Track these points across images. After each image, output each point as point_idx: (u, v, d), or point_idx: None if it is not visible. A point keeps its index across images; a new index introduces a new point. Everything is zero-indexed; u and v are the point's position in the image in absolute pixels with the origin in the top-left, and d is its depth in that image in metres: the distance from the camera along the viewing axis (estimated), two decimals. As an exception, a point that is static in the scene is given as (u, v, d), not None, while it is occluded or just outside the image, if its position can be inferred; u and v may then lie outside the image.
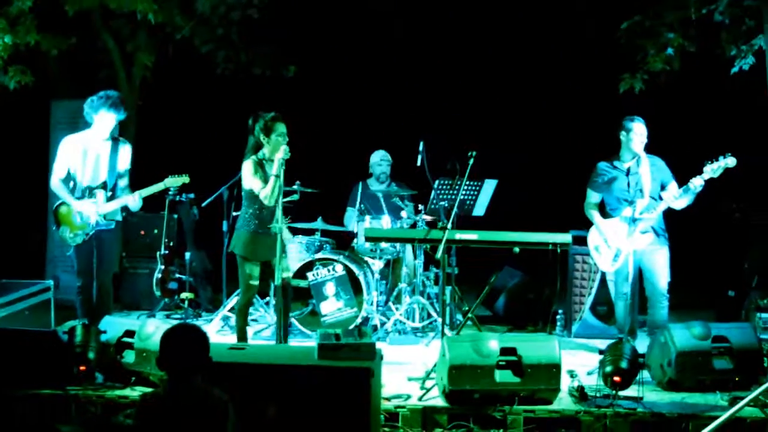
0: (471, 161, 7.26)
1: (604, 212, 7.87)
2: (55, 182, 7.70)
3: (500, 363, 6.24)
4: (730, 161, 7.17)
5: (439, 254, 6.76)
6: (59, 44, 9.75)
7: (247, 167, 7.27)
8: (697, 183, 7.27)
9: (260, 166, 7.22)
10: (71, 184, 7.69)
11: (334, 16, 11.67)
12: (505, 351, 6.26)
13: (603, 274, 8.25)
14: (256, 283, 7.28)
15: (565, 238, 7.14)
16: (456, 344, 6.34)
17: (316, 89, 11.97)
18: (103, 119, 7.62)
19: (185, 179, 7.91)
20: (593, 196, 7.92)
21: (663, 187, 7.62)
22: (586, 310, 8.67)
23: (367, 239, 8.05)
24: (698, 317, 7.32)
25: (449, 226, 7.01)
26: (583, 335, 8.61)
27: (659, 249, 7.65)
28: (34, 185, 10.94)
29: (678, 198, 7.41)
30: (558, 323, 8.90)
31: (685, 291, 9.46)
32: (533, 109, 12.16)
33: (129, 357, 6.64)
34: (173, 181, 7.89)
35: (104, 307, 7.71)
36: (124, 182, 7.81)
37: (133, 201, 7.67)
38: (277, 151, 7.07)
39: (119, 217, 7.88)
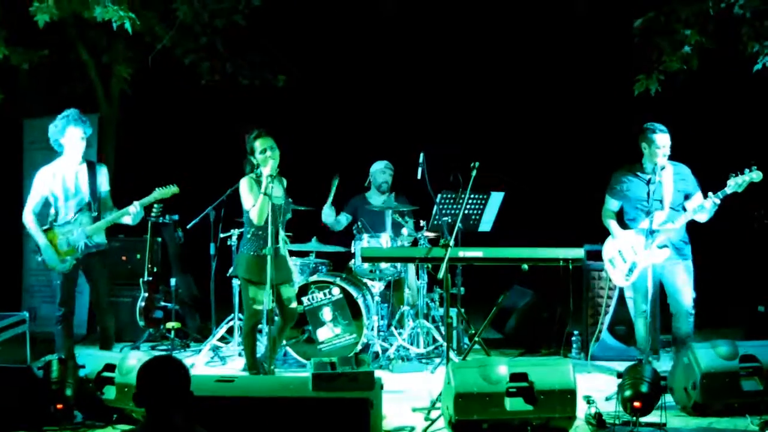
0: (474, 173, 7.27)
1: (623, 222, 7.85)
2: (28, 216, 7.80)
3: (510, 390, 6.18)
4: (756, 175, 7.14)
5: (441, 274, 6.75)
6: (30, 57, 9.79)
7: (243, 184, 7.41)
8: (707, 205, 7.27)
9: (257, 184, 7.28)
10: (53, 212, 7.78)
11: (322, 23, 11.69)
12: (515, 377, 6.21)
13: (621, 292, 8.25)
14: (260, 307, 7.30)
15: (578, 253, 7.11)
16: (462, 371, 6.30)
17: (306, 100, 11.98)
18: (73, 137, 7.72)
19: (174, 189, 7.90)
20: (612, 203, 7.92)
21: (687, 198, 7.61)
22: (604, 330, 8.64)
23: (364, 260, 8.05)
24: (725, 335, 7.31)
25: (452, 243, 6.99)
26: (601, 357, 8.57)
27: (680, 263, 7.64)
28: (7, 210, 10.94)
29: (696, 212, 7.40)
30: (574, 345, 8.90)
31: (712, 307, 9.47)
32: (543, 116, 12.16)
33: (110, 393, 6.60)
34: (162, 193, 7.88)
35: (109, 338, 7.95)
36: (107, 203, 7.91)
37: (134, 209, 7.73)
38: (265, 168, 7.15)
39: (105, 240, 7.93)
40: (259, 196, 7.17)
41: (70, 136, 7.72)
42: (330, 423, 5.55)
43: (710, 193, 7.29)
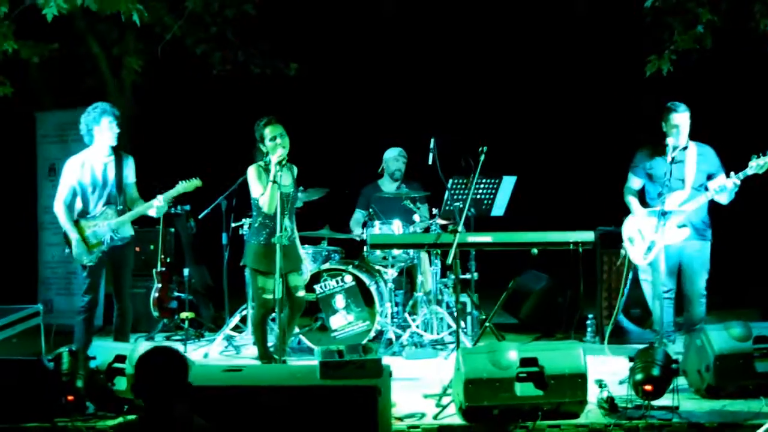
0: (482, 157, 7.22)
1: (645, 201, 7.79)
2: (59, 207, 7.84)
3: (520, 375, 6.13)
4: None
5: (450, 260, 6.70)
6: (40, 51, 9.79)
7: (251, 172, 7.43)
8: (729, 185, 7.19)
9: (265, 172, 7.26)
10: (80, 203, 7.82)
11: (336, 10, 11.62)
12: (525, 362, 6.16)
13: (636, 274, 8.12)
14: (269, 296, 7.27)
15: (588, 236, 7.04)
16: (471, 356, 6.25)
17: (319, 87, 11.94)
18: (106, 128, 7.75)
19: (197, 183, 7.89)
20: (633, 181, 7.85)
21: (710, 178, 7.53)
22: (619, 313, 8.56)
23: (372, 246, 8.02)
24: (742, 316, 7.22)
25: (460, 228, 6.94)
26: (617, 341, 8.50)
27: (699, 244, 7.58)
28: (21, 203, 11.00)
29: (718, 193, 7.32)
30: (588, 329, 8.83)
31: (729, 288, 9.38)
32: (555, 99, 12.06)
33: (121, 384, 6.56)
34: (186, 186, 7.88)
35: (127, 326, 7.99)
36: (133, 195, 7.96)
37: (159, 202, 7.78)
38: (274, 155, 7.11)
39: (132, 232, 7.99)
40: (267, 184, 7.13)
41: (104, 126, 7.74)
42: (338, 411, 5.51)
43: (732, 173, 7.21)
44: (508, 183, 8.61)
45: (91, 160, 7.82)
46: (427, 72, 12.01)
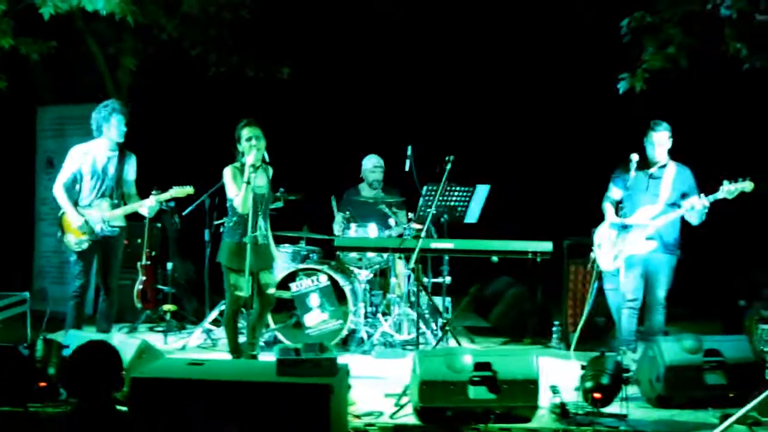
0: (449, 166, 7.36)
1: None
2: (58, 188, 8.14)
3: (474, 379, 6.27)
4: (747, 185, 7.23)
5: (411, 264, 6.85)
6: (39, 48, 9.94)
7: (227, 173, 7.52)
8: (698, 206, 7.35)
9: (240, 173, 7.37)
10: (78, 188, 8.11)
11: (328, 15, 11.75)
12: (479, 366, 6.30)
13: (601, 283, 8.24)
14: (241, 293, 7.40)
15: (546, 246, 7.20)
16: (427, 359, 6.41)
17: (310, 91, 12.05)
18: (114, 126, 8.06)
19: (189, 190, 8.22)
20: (613, 191, 8.01)
21: (684, 198, 7.68)
22: (584, 320, 8.68)
23: (337, 248, 8.15)
24: (703, 328, 7.32)
25: (423, 234, 7.08)
26: (582, 347, 8.62)
27: (664, 258, 7.73)
28: (20, 195, 11.16)
29: (689, 211, 7.49)
30: (554, 335, 8.95)
31: (695, 301, 9.48)
32: (535, 111, 12.13)
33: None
34: (178, 192, 8.18)
35: (112, 312, 8.32)
36: (131, 191, 8.25)
37: (151, 202, 8.09)
38: (248, 157, 7.24)
39: (123, 224, 8.27)
40: (242, 185, 7.27)
41: (114, 123, 8.05)
42: (293, 407, 5.62)
43: (702, 195, 7.37)
44: (482, 191, 8.71)
45: (95, 151, 8.10)
46: (409, 81, 12.10)
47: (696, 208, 7.43)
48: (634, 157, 7.61)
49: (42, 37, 9.92)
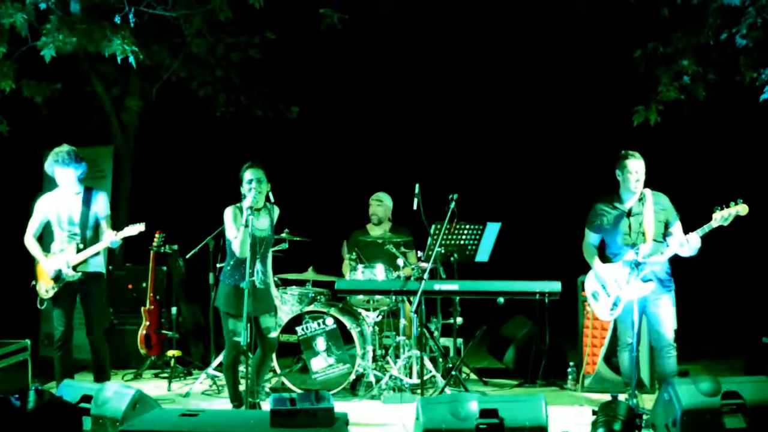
0: (452, 205, 7.11)
1: (604, 256, 7.55)
2: (28, 238, 8.01)
3: (480, 426, 5.94)
4: (742, 209, 6.82)
5: (413, 307, 6.56)
6: (43, 91, 9.80)
7: (227, 214, 7.28)
8: (692, 241, 6.96)
9: (241, 213, 7.14)
10: (52, 237, 7.92)
11: (336, 57, 11.59)
12: (485, 413, 5.98)
13: (615, 323, 7.90)
14: (240, 339, 7.08)
15: (554, 286, 6.90)
16: (431, 406, 6.09)
17: (319, 131, 11.90)
18: (61, 176, 7.83)
19: (140, 227, 7.76)
20: (591, 237, 7.61)
21: (667, 226, 7.30)
22: (600, 361, 8.35)
23: (338, 292, 7.87)
24: (726, 366, 6.95)
25: (426, 276, 6.80)
26: (597, 389, 8.30)
27: (664, 296, 7.33)
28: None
29: (681, 247, 7.09)
30: (569, 376, 8.61)
31: (715, 338, 9.14)
32: (545, 146, 11.92)
33: (86, 424, 6.48)
34: (131, 230, 7.74)
35: (103, 363, 7.89)
36: (104, 228, 7.86)
37: (111, 236, 7.67)
38: (246, 200, 7.02)
39: (101, 269, 7.93)
40: (240, 227, 7.03)
41: (58, 175, 7.84)
42: (287, 460, 5.37)
43: (693, 233, 6.97)
44: (493, 229, 8.40)
45: (60, 198, 7.90)
46: (422, 120, 11.98)
47: (689, 243, 7.02)
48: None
49: (47, 80, 9.77)
